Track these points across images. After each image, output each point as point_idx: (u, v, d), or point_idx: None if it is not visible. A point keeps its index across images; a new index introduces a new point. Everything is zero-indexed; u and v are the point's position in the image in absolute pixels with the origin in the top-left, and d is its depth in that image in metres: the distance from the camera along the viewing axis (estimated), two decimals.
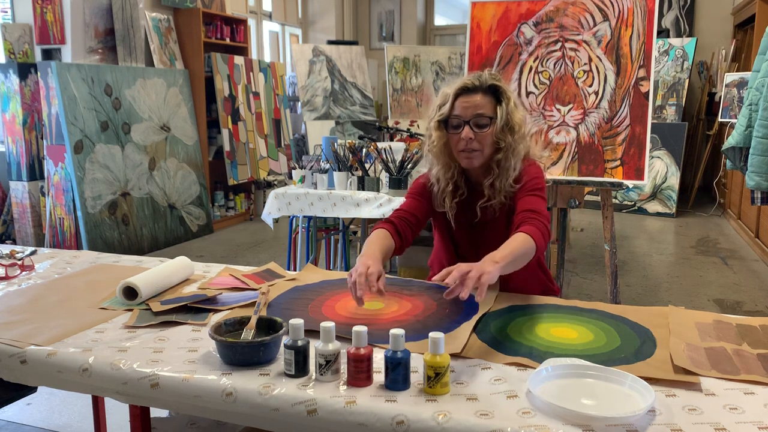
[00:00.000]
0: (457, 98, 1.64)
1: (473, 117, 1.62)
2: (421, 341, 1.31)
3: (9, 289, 1.71)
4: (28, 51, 4.57)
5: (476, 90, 1.64)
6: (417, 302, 1.57)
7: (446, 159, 1.70)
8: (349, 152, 3.42)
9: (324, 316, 1.47)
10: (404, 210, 1.77)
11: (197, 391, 1.16)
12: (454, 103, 1.64)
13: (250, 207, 6.38)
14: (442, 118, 1.65)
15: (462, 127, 1.63)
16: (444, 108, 1.65)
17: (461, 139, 1.62)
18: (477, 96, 1.63)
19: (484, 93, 1.64)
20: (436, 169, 1.72)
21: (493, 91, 1.65)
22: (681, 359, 1.22)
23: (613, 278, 2.91)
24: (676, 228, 5.82)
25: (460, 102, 1.64)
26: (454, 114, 1.64)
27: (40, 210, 4.57)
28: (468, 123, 1.62)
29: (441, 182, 1.72)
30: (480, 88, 1.64)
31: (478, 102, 1.63)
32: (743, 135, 3.08)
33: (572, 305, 1.56)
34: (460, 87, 1.64)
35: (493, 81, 1.64)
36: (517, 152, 1.65)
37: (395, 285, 1.70)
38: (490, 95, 1.64)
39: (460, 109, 1.63)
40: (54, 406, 2.53)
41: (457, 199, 1.73)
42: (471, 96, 1.63)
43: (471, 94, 1.63)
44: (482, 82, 1.64)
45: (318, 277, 1.79)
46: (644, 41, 2.81)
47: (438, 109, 1.67)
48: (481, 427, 1.00)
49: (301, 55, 6.57)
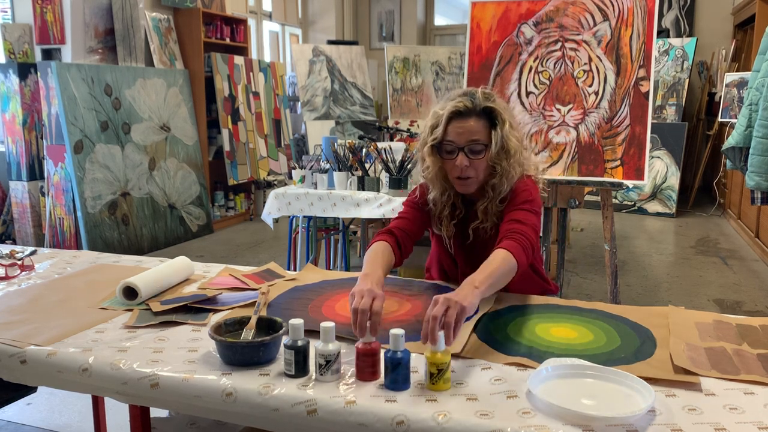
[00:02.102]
0: (450, 122, 1.57)
1: (467, 143, 1.56)
2: (421, 341, 1.31)
3: (9, 289, 1.71)
4: (28, 51, 4.58)
5: (470, 114, 1.57)
6: (417, 302, 1.57)
7: (442, 183, 1.65)
8: (349, 152, 3.42)
9: (324, 316, 1.47)
10: (405, 219, 1.73)
11: (197, 391, 1.16)
12: (447, 128, 1.57)
13: (250, 207, 6.38)
14: (435, 143, 1.59)
15: (456, 153, 1.57)
16: (437, 132, 1.58)
17: (455, 166, 1.57)
18: (471, 120, 1.56)
19: (477, 117, 1.57)
20: (433, 193, 1.68)
21: (487, 114, 1.58)
22: (681, 359, 1.22)
23: (613, 278, 2.91)
24: (676, 228, 5.82)
25: (453, 127, 1.57)
26: (447, 139, 1.58)
27: (40, 210, 4.57)
28: (462, 149, 1.56)
29: (438, 205, 1.69)
30: (473, 111, 1.57)
31: (472, 127, 1.56)
32: (743, 135, 3.08)
33: (572, 305, 1.56)
34: (452, 111, 1.56)
35: (487, 103, 1.57)
36: (511, 176, 1.60)
37: (395, 285, 1.70)
38: (485, 118, 1.58)
39: (454, 134, 1.57)
40: (54, 406, 2.53)
41: (455, 220, 1.70)
42: (464, 121, 1.56)
43: (464, 119, 1.56)
44: (475, 105, 1.57)
45: (318, 277, 1.79)
46: (644, 41, 2.81)
47: (431, 131, 1.60)
48: (481, 427, 1.00)
49: (301, 55, 6.58)
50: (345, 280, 1.76)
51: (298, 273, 1.84)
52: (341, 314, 1.48)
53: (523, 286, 1.72)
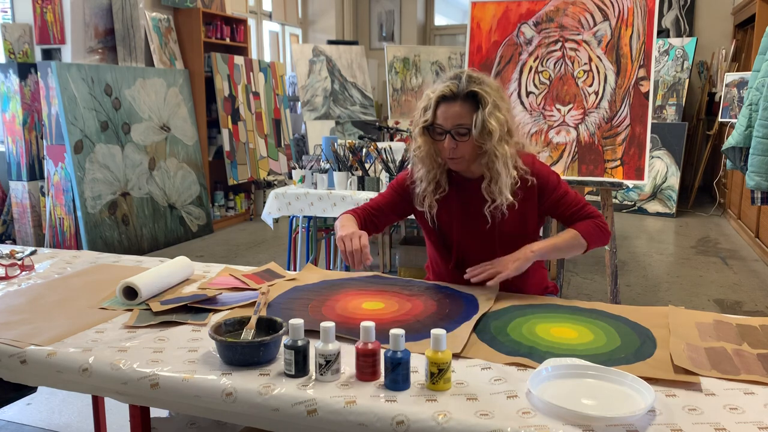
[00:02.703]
0: (438, 105, 1.66)
1: (453, 127, 1.64)
2: (422, 341, 1.31)
3: (9, 289, 1.71)
4: (28, 51, 4.58)
5: (455, 98, 1.64)
6: (417, 302, 1.57)
7: (430, 162, 1.73)
8: (349, 152, 3.42)
9: (324, 316, 1.47)
10: (378, 199, 1.87)
11: (197, 391, 1.16)
12: (436, 111, 1.66)
13: (250, 207, 6.38)
14: (426, 125, 1.68)
15: (444, 135, 1.66)
16: (427, 114, 1.67)
17: (444, 147, 1.67)
18: (456, 105, 1.64)
19: (463, 100, 1.64)
20: (422, 171, 1.76)
21: (472, 97, 1.64)
22: (681, 359, 1.22)
23: (613, 278, 2.91)
24: (676, 228, 5.82)
25: (441, 110, 1.66)
26: (437, 123, 1.67)
27: (40, 210, 4.57)
28: (449, 132, 1.65)
29: (423, 182, 1.77)
30: (458, 95, 1.64)
31: (458, 111, 1.64)
32: (743, 135, 3.08)
33: (572, 305, 1.56)
34: (440, 95, 1.65)
35: (471, 87, 1.64)
36: (499, 155, 1.65)
37: (395, 285, 1.70)
38: (470, 101, 1.64)
39: (442, 118, 1.65)
40: (54, 406, 2.53)
41: (437, 196, 1.78)
42: (451, 105, 1.64)
43: (451, 103, 1.64)
44: (460, 90, 1.64)
45: (318, 277, 1.79)
46: (644, 41, 2.81)
47: (422, 112, 1.69)
48: (481, 427, 1.00)
49: (301, 55, 6.58)
50: (345, 280, 1.76)
51: (298, 273, 1.84)
52: (342, 314, 1.48)
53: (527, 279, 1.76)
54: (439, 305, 1.54)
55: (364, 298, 1.59)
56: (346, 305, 1.54)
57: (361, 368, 1.16)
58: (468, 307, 1.51)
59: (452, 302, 1.56)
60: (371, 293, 1.63)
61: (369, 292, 1.64)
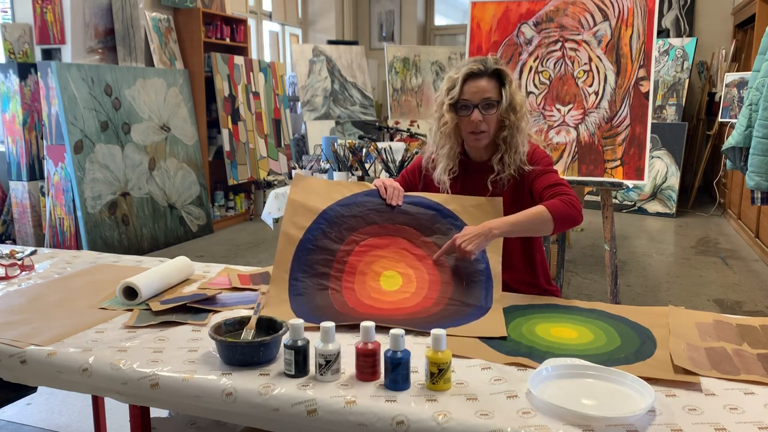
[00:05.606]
0: (465, 82, 1.75)
1: (481, 101, 1.74)
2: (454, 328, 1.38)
3: (9, 289, 1.71)
4: (28, 51, 4.58)
5: (482, 75, 1.75)
6: (422, 274, 1.61)
7: (454, 139, 1.82)
8: (349, 152, 3.42)
9: (347, 304, 1.51)
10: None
11: (197, 391, 1.16)
12: (463, 88, 1.75)
13: (250, 207, 6.38)
14: (453, 101, 1.76)
15: (471, 110, 1.74)
16: (453, 92, 1.76)
17: (471, 121, 1.75)
18: (483, 80, 1.75)
19: (489, 77, 1.75)
20: (446, 148, 1.83)
21: (497, 75, 1.76)
22: (681, 359, 1.22)
23: (613, 278, 2.91)
24: (676, 228, 5.82)
25: (468, 87, 1.75)
26: (463, 98, 1.75)
27: (40, 210, 4.57)
28: (477, 107, 1.74)
29: (444, 160, 1.84)
30: (485, 72, 1.75)
31: (485, 86, 1.74)
32: (743, 135, 3.08)
33: (572, 305, 1.56)
34: (467, 72, 1.75)
35: (497, 65, 1.77)
36: (520, 129, 1.77)
37: (409, 233, 1.71)
38: (495, 79, 1.76)
39: (469, 93, 1.75)
40: (54, 406, 2.53)
41: (451, 175, 1.86)
42: (477, 81, 1.75)
43: (477, 79, 1.75)
44: (487, 67, 1.76)
45: (319, 199, 1.73)
46: (644, 41, 2.81)
47: (447, 93, 1.78)
48: (481, 427, 1.00)
49: (301, 55, 6.58)
50: (355, 203, 1.75)
51: (292, 189, 1.75)
52: (365, 302, 1.53)
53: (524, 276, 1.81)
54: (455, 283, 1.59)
55: (383, 262, 1.64)
56: (371, 293, 1.56)
57: (361, 368, 1.16)
58: (483, 300, 1.54)
59: (468, 296, 1.57)
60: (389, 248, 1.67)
61: (387, 241, 1.68)
